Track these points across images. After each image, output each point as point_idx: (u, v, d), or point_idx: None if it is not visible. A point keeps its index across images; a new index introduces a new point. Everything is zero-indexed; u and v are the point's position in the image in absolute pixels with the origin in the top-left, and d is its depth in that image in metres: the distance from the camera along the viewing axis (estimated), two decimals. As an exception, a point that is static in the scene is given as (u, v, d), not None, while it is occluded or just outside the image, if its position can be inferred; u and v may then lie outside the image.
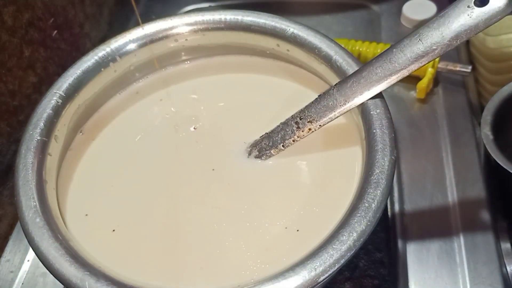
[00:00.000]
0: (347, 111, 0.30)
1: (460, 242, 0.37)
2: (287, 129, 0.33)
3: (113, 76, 0.38)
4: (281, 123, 0.33)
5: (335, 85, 0.31)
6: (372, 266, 0.38)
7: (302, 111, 0.32)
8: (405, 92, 0.48)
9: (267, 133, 0.34)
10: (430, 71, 0.46)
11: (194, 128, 0.37)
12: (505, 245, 0.40)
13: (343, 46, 0.35)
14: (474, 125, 0.45)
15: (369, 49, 0.49)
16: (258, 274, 0.28)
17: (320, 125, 0.31)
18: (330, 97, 0.31)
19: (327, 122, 0.31)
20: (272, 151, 0.33)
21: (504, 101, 0.40)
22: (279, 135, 0.33)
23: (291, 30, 0.36)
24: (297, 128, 0.32)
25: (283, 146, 0.33)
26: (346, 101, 0.30)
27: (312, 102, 0.32)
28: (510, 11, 0.25)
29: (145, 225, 0.32)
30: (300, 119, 0.32)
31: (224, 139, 0.36)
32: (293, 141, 0.32)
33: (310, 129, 0.32)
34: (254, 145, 0.35)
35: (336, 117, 0.31)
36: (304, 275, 0.25)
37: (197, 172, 0.35)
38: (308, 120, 0.31)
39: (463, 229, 0.38)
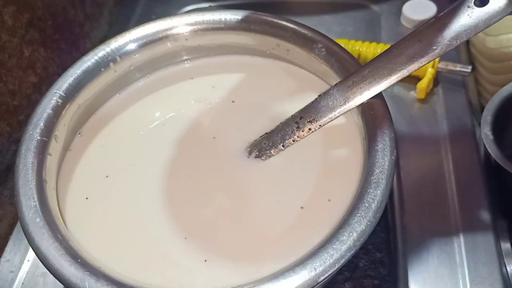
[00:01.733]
0: (347, 111, 0.30)
1: (460, 242, 0.37)
2: (287, 129, 0.33)
3: (113, 76, 0.38)
4: (281, 123, 0.33)
5: (335, 85, 0.31)
6: (372, 266, 0.38)
7: (302, 111, 0.32)
8: (405, 92, 0.48)
9: (267, 133, 0.34)
10: (430, 71, 0.46)
11: (194, 128, 0.37)
12: (505, 245, 0.40)
13: (343, 46, 0.35)
14: (474, 125, 0.45)
15: (369, 49, 0.49)
16: (257, 274, 0.28)
17: (320, 125, 0.31)
18: (330, 97, 0.31)
19: (327, 122, 0.31)
20: (272, 151, 0.33)
21: (504, 101, 0.40)
22: (279, 135, 0.33)
23: (291, 30, 0.36)
24: (297, 128, 0.32)
25: (283, 146, 0.33)
26: (346, 101, 0.30)
27: (312, 102, 0.32)
28: (510, 11, 0.25)
29: (146, 224, 0.32)
30: (300, 119, 0.32)
31: (224, 139, 0.36)
32: (293, 141, 0.32)
33: (310, 129, 0.32)
34: (254, 145, 0.35)
35: (336, 117, 0.31)
36: (304, 275, 0.25)
37: (197, 172, 0.35)
38: (308, 120, 0.31)
39: (463, 229, 0.38)
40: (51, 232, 0.28)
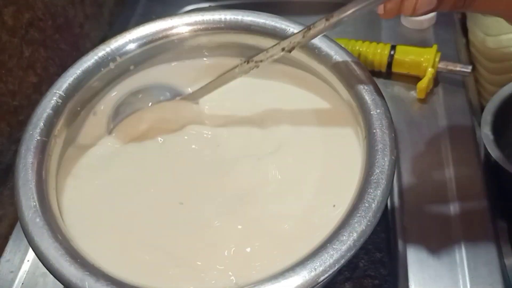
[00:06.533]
0: None
1: (460, 242, 0.37)
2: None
3: (113, 76, 0.38)
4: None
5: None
6: (372, 266, 0.38)
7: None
8: (405, 92, 0.48)
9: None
10: (430, 71, 0.46)
11: (194, 128, 0.37)
12: (505, 245, 0.40)
13: (343, 46, 0.35)
14: (474, 125, 0.44)
15: (369, 49, 0.49)
16: (256, 274, 0.28)
17: None
18: None
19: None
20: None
21: (504, 101, 0.40)
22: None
23: (291, 30, 0.36)
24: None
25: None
26: None
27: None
28: None
29: (145, 224, 0.32)
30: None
31: (225, 139, 0.36)
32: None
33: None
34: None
35: None
36: (304, 275, 0.25)
37: (197, 172, 0.35)
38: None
39: (463, 229, 0.38)
40: (51, 232, 0.28)
